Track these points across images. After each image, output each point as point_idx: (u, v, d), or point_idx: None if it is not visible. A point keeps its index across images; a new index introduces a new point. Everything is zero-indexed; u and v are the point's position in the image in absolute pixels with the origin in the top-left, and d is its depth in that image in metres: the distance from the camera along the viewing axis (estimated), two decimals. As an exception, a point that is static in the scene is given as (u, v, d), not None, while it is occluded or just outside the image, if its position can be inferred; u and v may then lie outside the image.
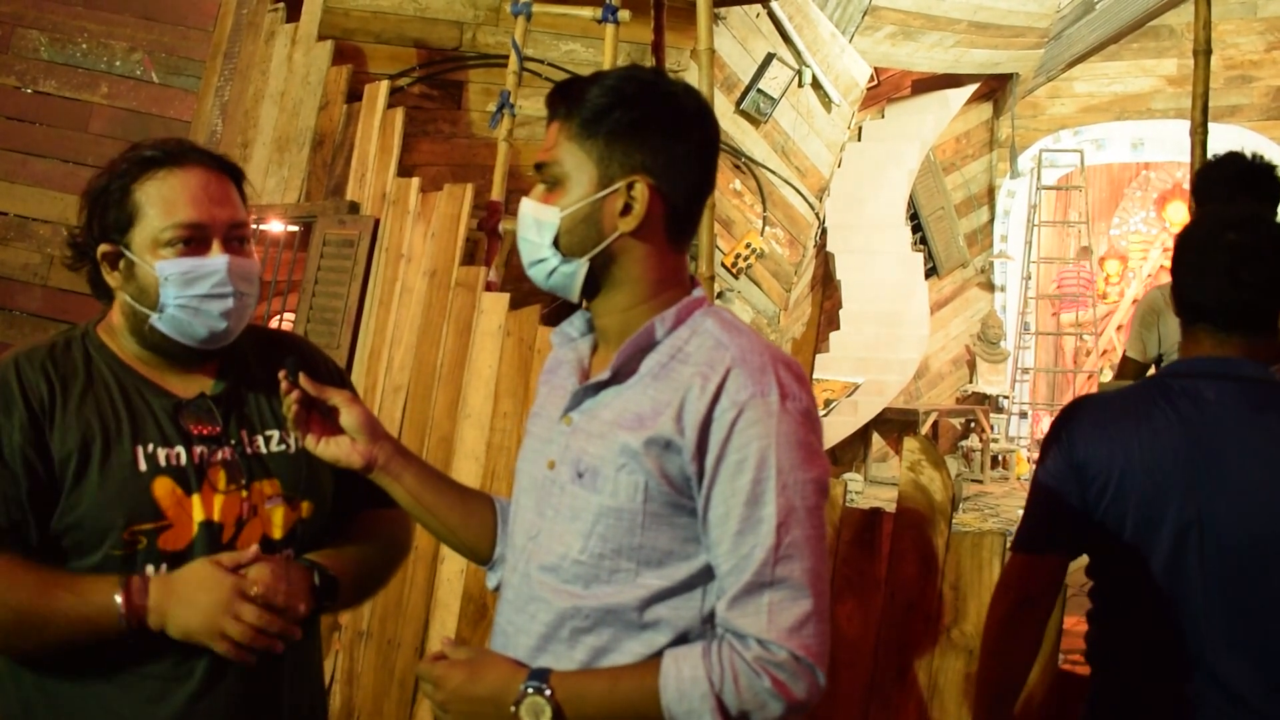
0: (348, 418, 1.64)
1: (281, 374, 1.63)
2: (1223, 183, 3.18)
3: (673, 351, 1.45)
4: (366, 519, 1.88)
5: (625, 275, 1.48)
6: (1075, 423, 2.00)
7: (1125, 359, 4.10)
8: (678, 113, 1.48)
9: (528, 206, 1.50)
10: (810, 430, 1.40)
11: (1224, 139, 9.74)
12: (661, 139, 1.46)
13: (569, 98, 1.47)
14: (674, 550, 1.41)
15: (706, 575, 1.41)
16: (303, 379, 1.63)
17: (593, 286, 1.49)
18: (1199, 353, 1.96)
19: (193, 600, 1.57)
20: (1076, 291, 11.22)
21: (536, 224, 1.48)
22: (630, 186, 1.45)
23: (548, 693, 1.38)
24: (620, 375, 1.46)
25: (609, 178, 1.45)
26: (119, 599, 1.55)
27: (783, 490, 1.35)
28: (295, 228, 4.85)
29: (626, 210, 1.45)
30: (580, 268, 1.47)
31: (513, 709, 1.39)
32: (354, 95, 5.02)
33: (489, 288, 3.88)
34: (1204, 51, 3.52)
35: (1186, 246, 1.98)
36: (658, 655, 1.39)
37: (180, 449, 1.68)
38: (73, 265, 1.77)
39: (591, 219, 1.45)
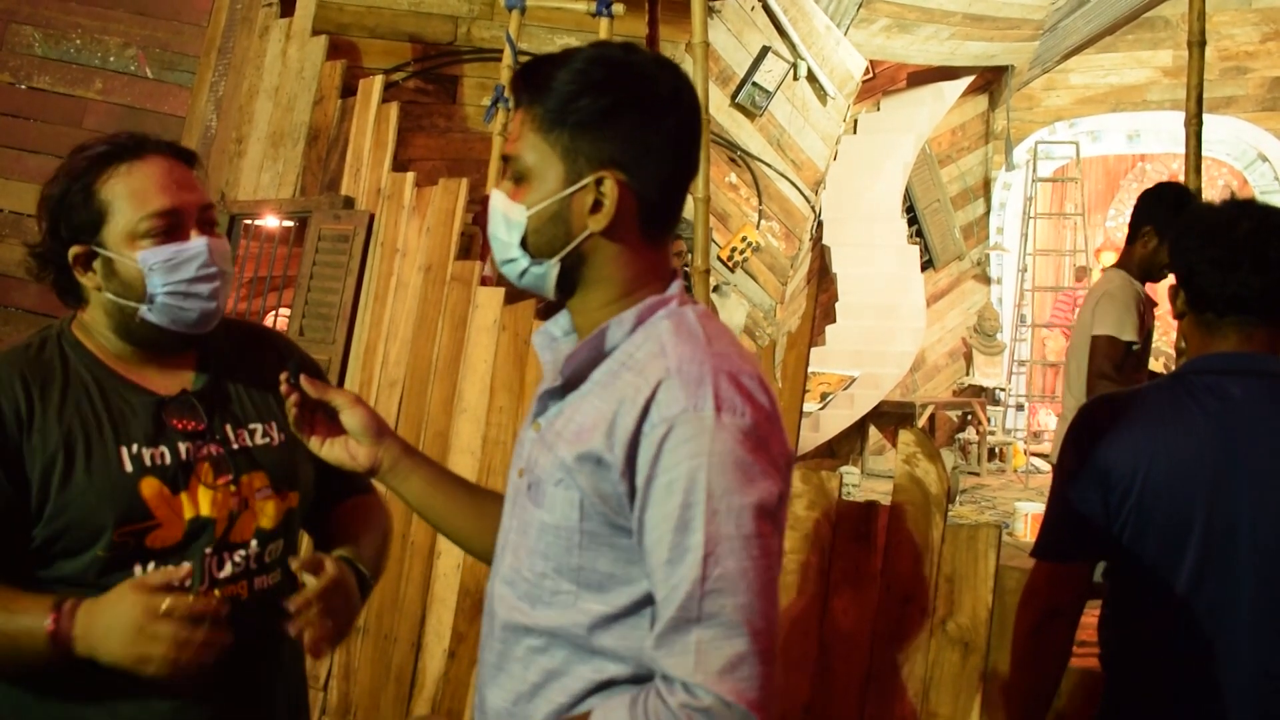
0: (351, 419, 1.60)
1: (283, 376, 1.61)
2: (1165, 206, 3.74)
3: (625, 358, 1.34)
4: (353, 507, 1.90)
5: (597, 275, 1.38)
6: (1096, 425, 1.97)
7: (1119, 342, 3.89)
8: (649, 97, 1.35)
9: (497, 200, 1.40)
10: (751, 449, 1.25)
11: (1220, 130, 9.77)
12: (631, 128, 1.34)
13: (533, 84, 1.36)
14: (614, 574, 1.31)
15: (650, 602, 1.29)
16: (304, 380, 1.61)
17: (567, 286, 1.40)
18: (1223, 349, 1.94)
19: (110, 626, 1.50)
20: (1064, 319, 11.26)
21: (505, 222, 1.38)
22: (599, 183, 1.34)
23: None
24: (574, 381, 1.38)
25: (576, 173, 1.34)
26: (48, 623, 1.51)
27: (712, 517, 1.21)
28: (290, 223, 4.84)
29: (596, 208, 1.34)
30: (550, 269, 1.38)
31: None
32: (348, 90, 5.02)
33: (484, 282, 3.87)
34: (1198, 43, 3.53)
35: (1200, 244, 1.95)
36: (608, 683, 1.32)
37: (165, 448, 1.67)
38: (38, 275, 1.76)
39: (560, 217, 1.35)
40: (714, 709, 1.18)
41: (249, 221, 4.97)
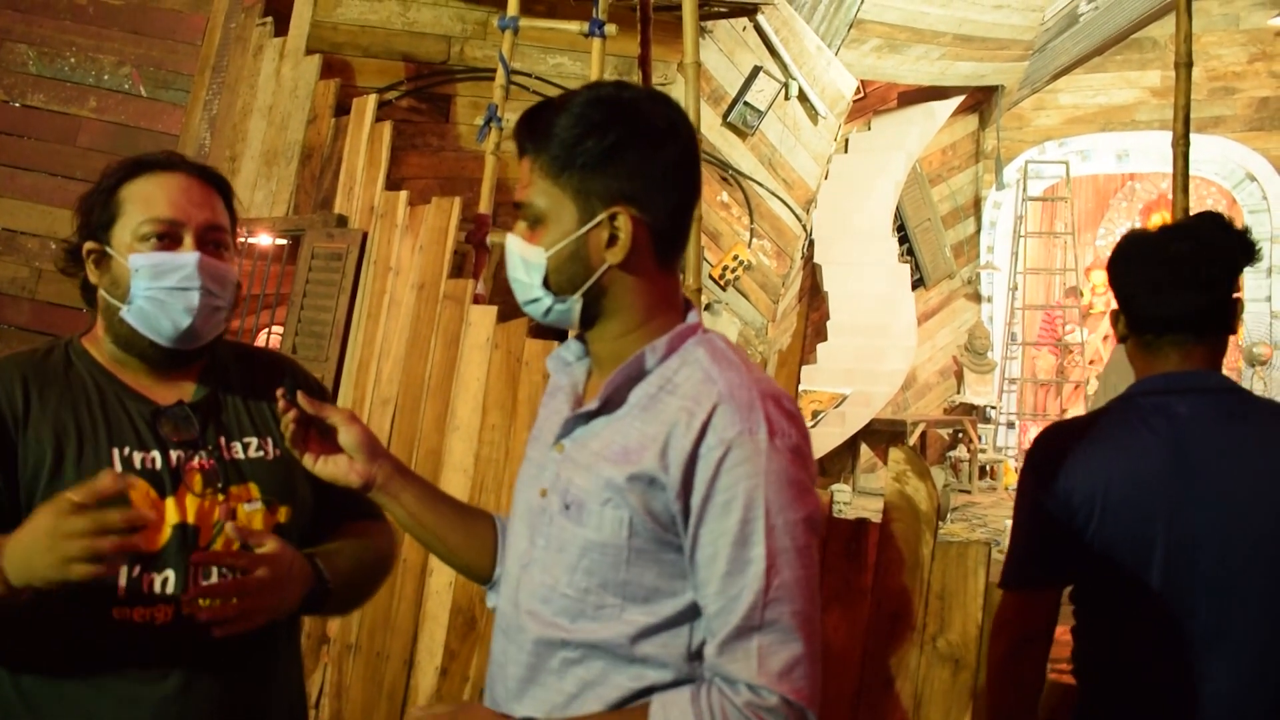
0: (346, 436, 1.63)
1: (279, 392, 1.63)
2: None
3: (662, 382, 1.41)
4: (354, 529, 1.90)
5: (617, 304, 1.45)
6: (1052, 451, 2.00)
7: None
8: (649, 131, 1.42)
9: (514, 245, 1.47)
10: (800, 468, 1.36)
11: (1208, 150, 9.83)
12: (636, 163, 1.41)
13: (535, 133, 1.43)
14: (660, 587, 1.38)
15: (693, 612, 1.38)
16: (301, 397, 1.63)
17: (589, 318, 1.46)
18: (1165, 368, 1.98)
19: (31, 542, 1.47)
20: (1054, 336, 11.37)
21: (524, 264, 1.45)
22: (612, 218, 1.41)
23: None
24: (609, 405, 1.44)
25: (590, 212, 1.41)
26: None
27: (771, 531, 1.32)
28: (283, 241, 4.86)
29: (612, 242, 1.42)
30: (575, 304, 1.44)
31: None
32: (342, 109, 5.03)
33: (477, 300, 3.89)
34: (1185, 64, 3.56)
35: (1135, 267, 2.00)
36: (646, 691, 1.37)
37: (156, 453, 1.70)
38: (67, 270, 1.80)
39: (578, 255, 1.42)
40: (778, 708, 1.30)
41: (242, 239, 4.98)
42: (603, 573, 1.39)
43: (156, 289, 1.70)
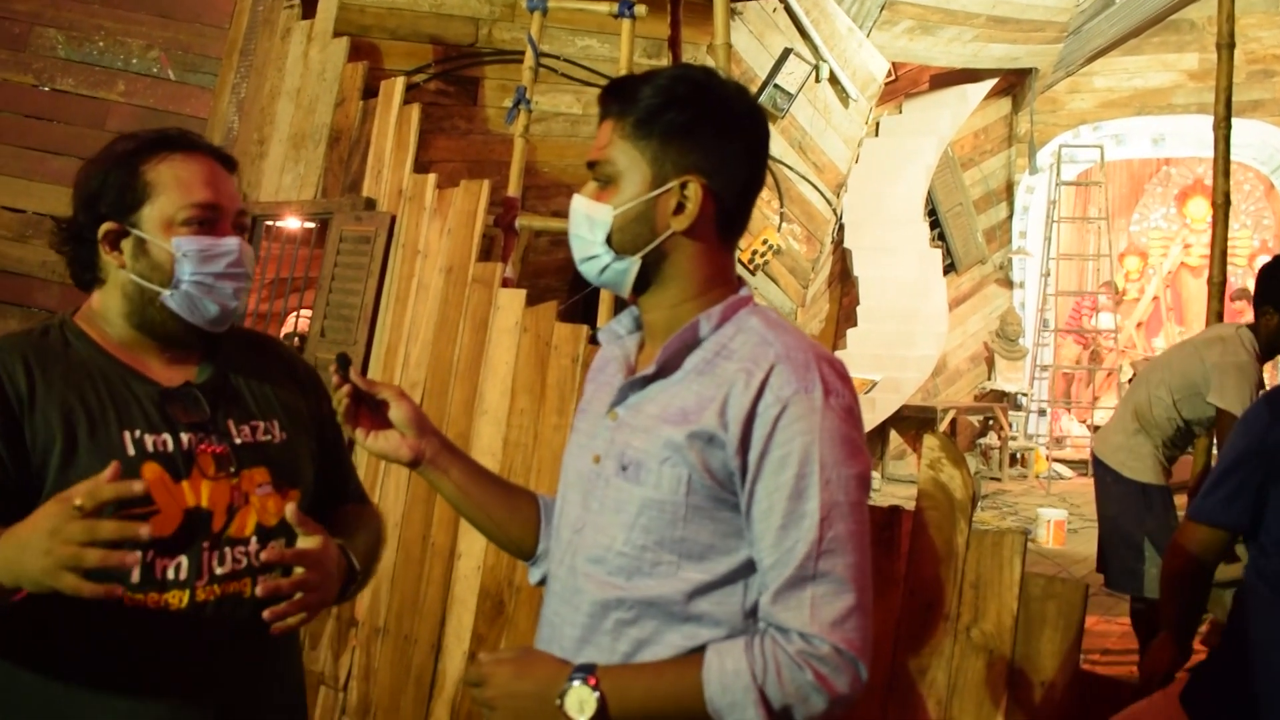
0: (397, 413, 1.67)
1: (332, 369, 1.63)
2: None
3: (717, 348, 1.46)
4: (350, 513, 1.91)
5: (675, 271, 1.50)
6: (1272, 407, 2.11)
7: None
8: (730, 114, 1.49)
9: (580, 203, 1.52)
10: (853, 426, 1.41)
11: (1246, 134, 9.69)
12: (714, 140, 1.47)
13: (622, 97, 1.49)
14: (715, 545, 1.43)
15: (747, 570, 1.43)
16: (353, 374, 1.64)
17: (643, 282, 1.52)
18: None
19: (26, 541, 1.39)
20: (1083, 324, 11.27)
21: (589, 221, 1.50)
22: (683, 186, 1.47)
23: (593, 684, 1.39)
24: (665, 370, 1.48)
25: (662, 177, 1.47)
26: None
27: (826, 485, 1.37)
28: (312, 224, 4.85)
29: (679, 209, 1.47)
30: (633, 265, 1.50)
31: (558, 702, 1.40)
32: (370, 91, 5.02)
33: (506, 284, 3.87)
34: (1227, 45, 3.50)
35: None
36: (698, 648, 1.40)
37: (167, 436, 1.67)
38: (61, 249, 1.76)
39: (644, 217, 1.48)
40: (829, 656, 1.34)
41: (270, 223, 4.97)
42: (660, 530, 1.43)
43: (204, 274, 1.70)
